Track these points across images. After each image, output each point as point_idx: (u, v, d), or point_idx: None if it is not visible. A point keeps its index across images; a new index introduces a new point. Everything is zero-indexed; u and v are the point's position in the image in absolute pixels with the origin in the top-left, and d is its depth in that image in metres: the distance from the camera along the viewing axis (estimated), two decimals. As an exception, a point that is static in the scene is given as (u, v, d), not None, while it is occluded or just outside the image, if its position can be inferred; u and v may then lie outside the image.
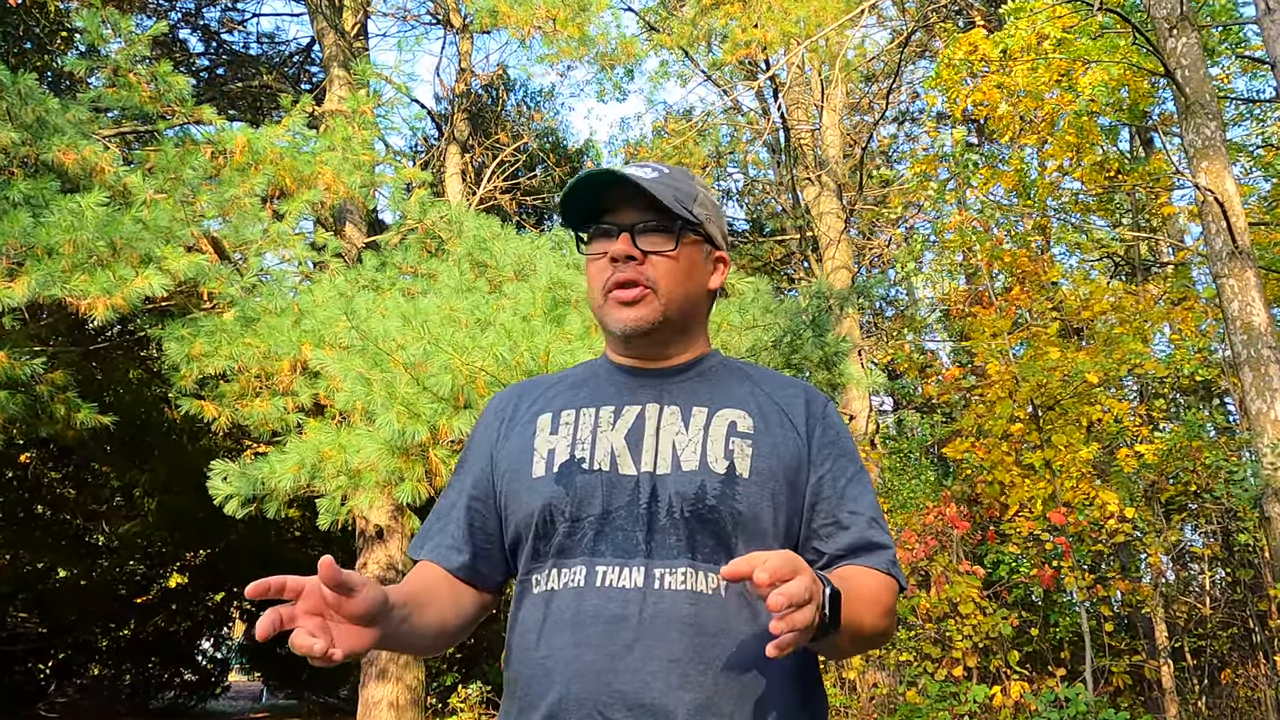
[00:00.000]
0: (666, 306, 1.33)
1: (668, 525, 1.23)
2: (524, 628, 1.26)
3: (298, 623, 1.01)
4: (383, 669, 7.83)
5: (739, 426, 1.32)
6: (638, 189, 1.31)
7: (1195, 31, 6.36)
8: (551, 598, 1.23)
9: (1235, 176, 6.49)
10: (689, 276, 1.37)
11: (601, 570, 1.22)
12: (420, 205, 7.37)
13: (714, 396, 1.36)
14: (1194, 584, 8.77)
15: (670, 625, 1.18)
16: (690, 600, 1.19)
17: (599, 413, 1.34)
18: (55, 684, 13.11)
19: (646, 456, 1.28)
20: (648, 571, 1.20)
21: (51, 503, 12.00)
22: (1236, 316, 5.86)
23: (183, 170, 5.74)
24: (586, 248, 1.38)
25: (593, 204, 1.36)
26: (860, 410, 10.34)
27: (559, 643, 1.20)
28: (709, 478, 1.25)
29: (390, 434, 4.44)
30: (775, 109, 13.35)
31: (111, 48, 6.21)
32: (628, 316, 1.32)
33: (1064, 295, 9.35)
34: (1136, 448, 7.01)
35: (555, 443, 1.32)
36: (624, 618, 1.18)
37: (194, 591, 13.95)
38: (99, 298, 4.93)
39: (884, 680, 6.89)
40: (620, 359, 1.42)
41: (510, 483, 1.33)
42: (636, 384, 1.38)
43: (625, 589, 1.20)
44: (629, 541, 1.23)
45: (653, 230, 1.33)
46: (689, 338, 1.42)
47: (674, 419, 1.32)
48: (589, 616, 1.19)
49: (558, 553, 1.25)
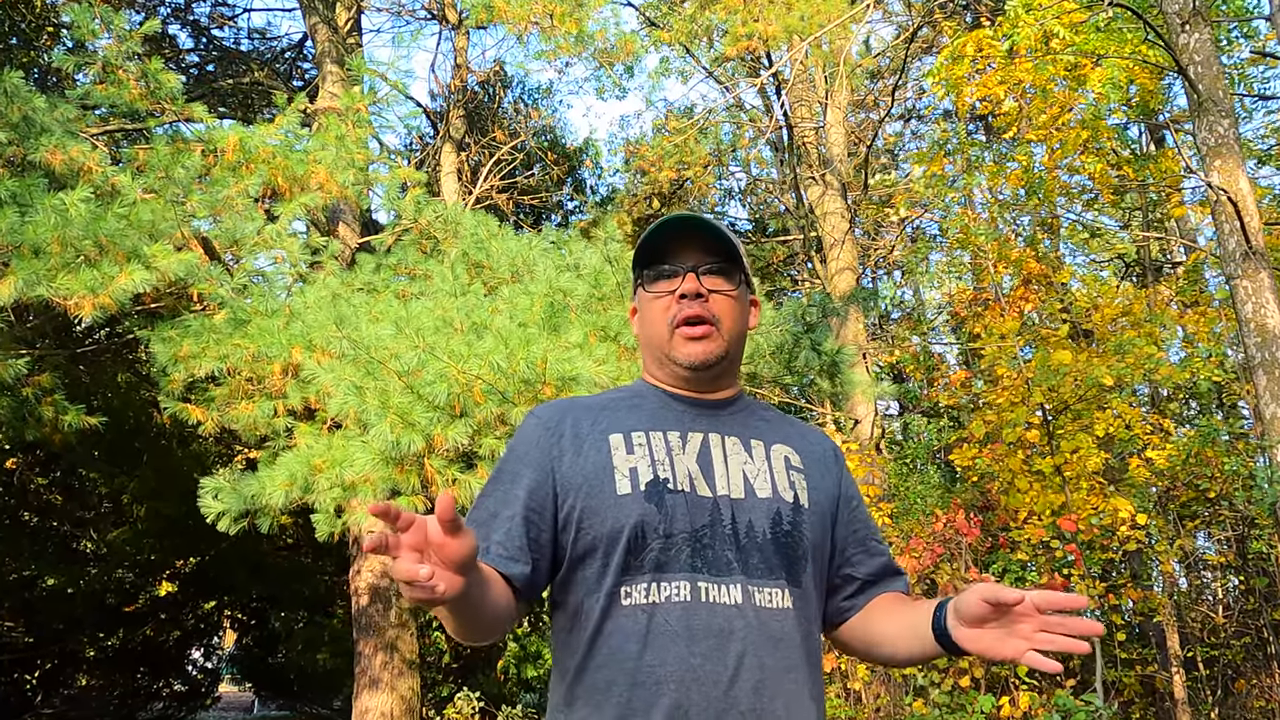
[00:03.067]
0: (729, 343, 1.51)
1: (749, 546, 1.39)
2: (621, 637, 1.35)
3: (400, 552, 1.06)
4: (375, 678, 7.82)
5: (793, 461, 1.51)
6: (706, 235, 1.49)
7: (1208, 27, 6.36)
8: (654, 610, 1.34)
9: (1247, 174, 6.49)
10: (742, 317, 1.55)
11: (704, 586, 1.35)
12: (415, 205, 7.37)
13: (764, 432, 1.54)
14: (1207, 592, 8.76)
15: (767, 639, 1.35)
16: (778, 616, 1.37)
17: (667, 436, 1.47)
18: (42, 695, 13.08)
19: (720, 481, 1.43)
20: (745, 589, 1.36)
21: (38, 509, 11.99)
22: (1250, 319, 5.85)
23: (173, 169, 5.74)
24: (648, 288, 1.52)
25: (654, 248, 1.52)
26: (865, 415, 10.33)
27: (673, 653, 1.32)
28: (783, 505, 1.44)
29: (385, 444, 4.43)
30: (778, 106, 13.36)
31: (100, 43, 6.21)
32: (697, 351, 1.48)
33: (1074, 296, 9.34)
34: (1147, 454, 7.00)
35: (635, 462, 1.43)
36: (731, 631, 1.34)
37: (184, 600, 13.92)
38: (85, 297, 4.92)
39: (889, 691, 6.87)
40: (672, 387, 1.55)
41: (590, 498, 1.41)
42: (694, 413, 1.52)
43: (728, 605, 1.35)
44: (721, 559, 1.37)
45: (715, 273, 1.50)
46: (734, 374, 1.59)
47: (737, 448, 1.49)
48: (700, 629, 1.33)
49: (655, 568, 1.36)
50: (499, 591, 1.34)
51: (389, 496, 4.69)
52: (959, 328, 12.88)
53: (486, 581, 1.29)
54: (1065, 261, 10.92)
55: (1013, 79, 8.34)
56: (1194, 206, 10.03)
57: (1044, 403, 6.69)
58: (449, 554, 1.10)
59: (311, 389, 5.44)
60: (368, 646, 7.97)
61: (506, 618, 1.37)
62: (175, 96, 6.43)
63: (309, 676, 13.79)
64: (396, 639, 8.01)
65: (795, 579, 1.41)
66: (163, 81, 6.30)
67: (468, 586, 1.15)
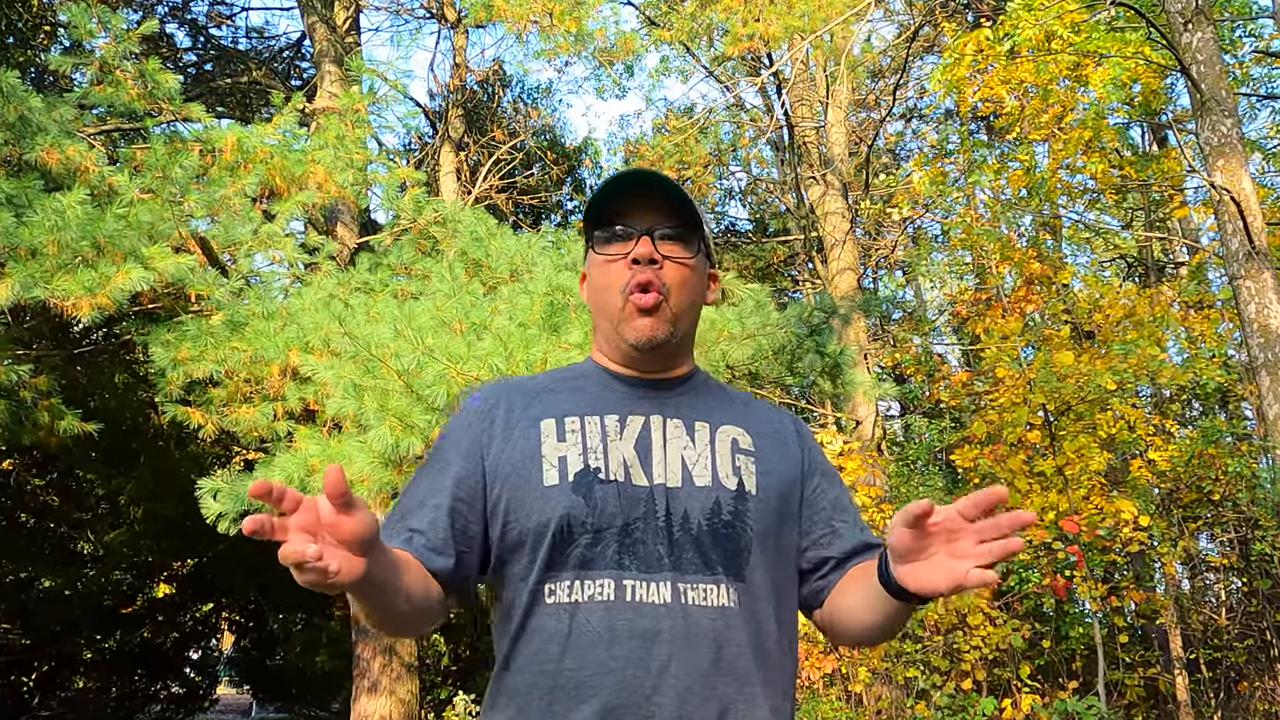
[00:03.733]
0: (677, 318, 1.38)
1: (684, 540, 1.28)
2: (542, 638, 1.26)
3: (289, 535, 0.98)
4: (375, 681, 7.82)
5: (741, 444, 1.38)
6: (661, 196, 1.36)
7: (1211, 26, 6.36)
8: (576, 610, 1.25)
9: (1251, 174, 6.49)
10: (697, 288, 1.41)
11: (630, 584, 1.25)
12: (414, 205, 7.37)
13: (712, 413, 1.41)
14: (1210, 594, 8.76)
15: (700, 640, 1.24)
16: (712, 616, 1.25)
17: (604, 421, 1.35)
18: (39, 697, 13.07)
19: (657, 469, 1.32)
20: (674, 586, 1.25)
21: (35, 511, 11.98)
22: (1254, 319, 5.86)
23: (171, 169, 5.74)
24: (600, 250, 1.40)
25: (606, 209, 1.39)
26: (866, 415, 10.33)
27: (593, 656, 1.23)
28: (723, 494, 1.32)
29: (383, 446, 4.43)
30: (779, 106, 13.36)
31: (97, 43, 6.21)
32: (644, 328, 1.35)
33: (1076, 297, 9.34)
34: (1150, 455, 7.00)
35: (565, 450, 1.33)
36: (657, 633, 1.23)
37: (181, 602, 13.93)
38: (82, 297, 4.92)
39: (891, 694, 6.87)
40: (617, 366, 1.43)
41: (516, 489, 1.32)
42: (637, 394, 1.40)
43: (655, 604, 1.24)
44: (651, 555, 1.27)
45: (672, 238, 1.37)
46: (685, 352, 1.46)
47: (678, 432, 1.36)
48: (623, 631, 1.23)
49: (579, 564, 1.27)
50: (417, 580, 1.25)
51: (388, 498, 4.69)
52: (960, 328, 12.88)
53: (399, 566, 1.19)
54: (1068, 262, 10.92)
55: (1014, 79, 8.35)
56: (1197, 207, 10.03)
57: (1045, 403, 6.69)
58: (344, 533, 1.02)
59: (310, 390, 5.45)
60: (367, 649, 7.96)
61: (431, 610, 1.29)
62: (173, 96, 6.43)
63: (307, 679, 13.80)
64: (395, 642, 8.01)
65: (738, 573, 1.28)
66: (160, 81, 6.30)
67: (370, 569, 1.06)
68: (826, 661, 6.13)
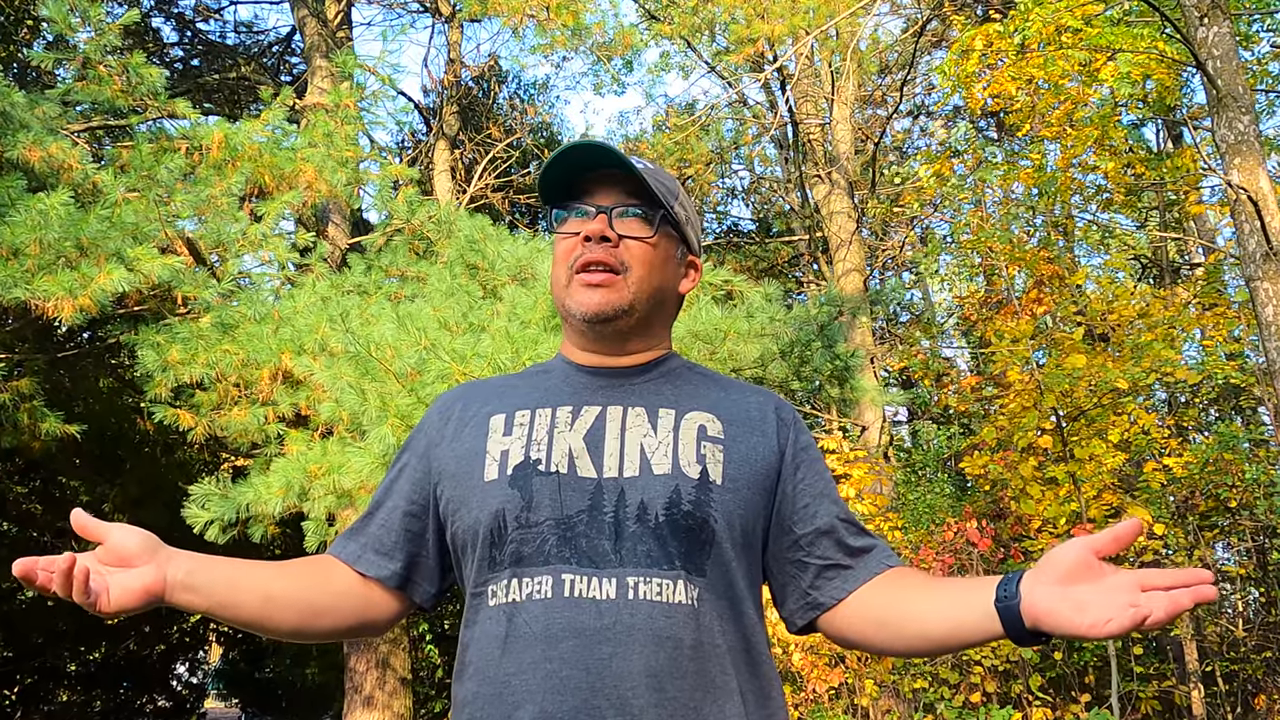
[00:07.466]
0: (636, 295, 1.34)
1: (639, 532, 1.22)
2: (483, 643, 1.23)
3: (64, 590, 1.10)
4: (369, 696, 7.81)
5: (709, 431, 1.32)
6: (623, 173, 1.35)
7: (1227, 20, 6.36)
8: (515, 610, 1.21)
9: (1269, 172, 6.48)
10: (662, 269, 1.38)
11: (570, 579, 1.20)
12: (408, 204, 7.36)
13: (680, 398, 1.37)
14: (1227, 605, 8.75)
15: (650, 639, 1.17)
16: (665, 612, 1.19)
17: (555, 413, 1.33)
18: (22, 711, 13.06)
19: (610, 460, 1.28)
20: (620, 581, 1.20)
21: (17, 518, 11.96)
22: (1271, 321, 5.85)
23: (157, 169, 5.74)
24: (559, 226, 1.38)
25: (571, 186, 1.38)
26: (873, 421, 10.33)
27: (529, 658, 1.18)
28: (683, 483, 1.26)
29: (384, 448, 4.42)
30: (783, 102, 13.37)
31: (80, 38, 6.20)
32: (591, 300, 1.32)
33: (1089, 299, 9.34)
34: (1164, 460, 6.99)
35: (509, 444, 1.31)
36: (598, 631, 1.17)
37: (168, 613, 13.90)
38: (64, 299, 4.92)
39: (899, 707, 6.86)
40: (578, 356, 1.42)
41: (458, 488, 1.32)
42: (596, 384, 1.38)
43: (597, 600, 1.19)
44: (596, 549, 1.21)
45: (632, 216, 1.35)
46: (652, 335, 1.42)
47: (639, 421, 1.32)
48: (561, 630, 1.18)
49: (515, 561, 1.23)
50: (323, 587, 1.32)
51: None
52: (969, 331, 12.88)
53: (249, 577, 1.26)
54: (1080, 263, 10.92)
55: (1024, 74, 8.35)
56: (1213, 206, 10.03)
57: (1057, 407, 6.69)
58: (114, 559, 1.16)
59: (301, 394, 5.44)
60: (360, 663, 7.96)
61: (351, 615, 1.34)
62: (158, 92, 6.42)
63: (297, 691, 13.80)
64: (389, 655, 8.00)
65: (698, 568, 1.22)
66: (145, 76, 6.29)
67: (171, 577, 1.17)
68: (833, 674, 6.12)
